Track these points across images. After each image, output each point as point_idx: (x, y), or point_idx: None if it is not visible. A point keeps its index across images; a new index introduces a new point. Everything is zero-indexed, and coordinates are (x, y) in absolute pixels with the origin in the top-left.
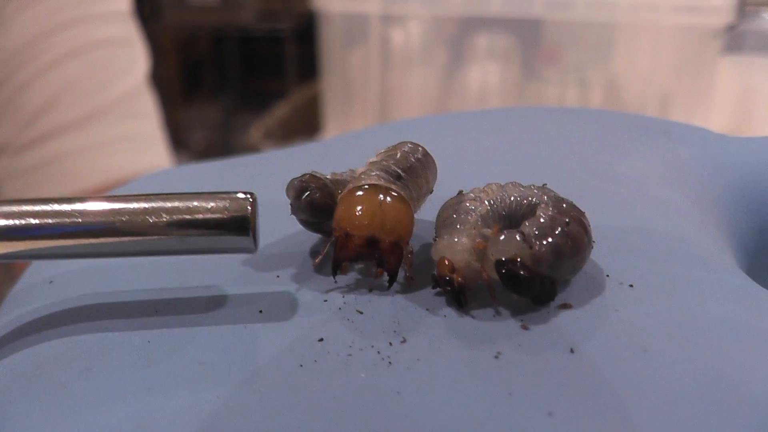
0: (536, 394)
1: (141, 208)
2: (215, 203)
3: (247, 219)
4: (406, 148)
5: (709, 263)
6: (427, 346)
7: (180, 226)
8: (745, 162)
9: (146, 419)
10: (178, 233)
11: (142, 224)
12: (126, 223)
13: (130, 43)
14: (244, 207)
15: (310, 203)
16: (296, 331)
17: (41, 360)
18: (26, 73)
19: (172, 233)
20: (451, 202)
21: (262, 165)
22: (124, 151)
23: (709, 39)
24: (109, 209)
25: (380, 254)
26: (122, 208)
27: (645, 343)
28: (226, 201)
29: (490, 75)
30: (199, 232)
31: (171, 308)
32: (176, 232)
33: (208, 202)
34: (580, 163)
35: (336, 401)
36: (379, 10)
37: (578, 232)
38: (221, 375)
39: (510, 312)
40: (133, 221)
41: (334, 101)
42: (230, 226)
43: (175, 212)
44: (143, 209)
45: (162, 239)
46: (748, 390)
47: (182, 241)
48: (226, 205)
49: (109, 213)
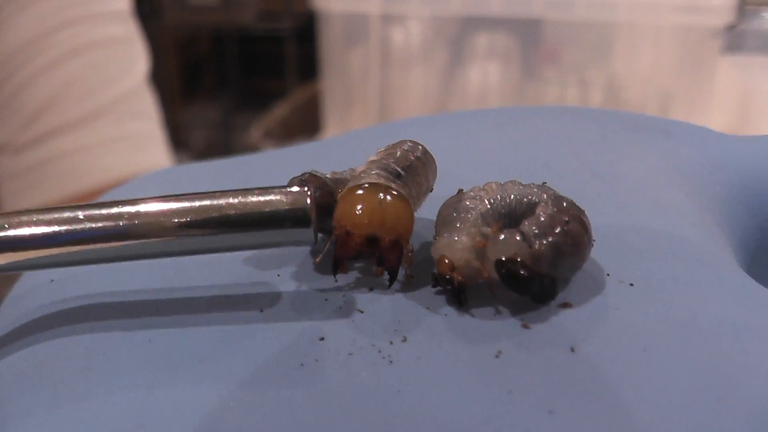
0: (536, 393)
1: (204, 206)
2: (275, 197)
3: (307, 212)
4: (405, 147)
5: (709, 262)
6: (428, 345)
7: (244, 223)
8: (746, 161)
9: (147, 417)
10: (242, 229)
11: (207, 222)
12: (191, 222)
13: (130, 43)
14: (303, 200)
15: None
16: (297, 329)
17: (42, 359)
18: (26, 72)
19: (236, 229)
20: (451, 201)
21: (262, 164)
22: (124, 150)
23: (709, 39)
24: (170, 209)
25: (380, 253)
26: (185, 207)
27: (645, 342)
28: (285, 195)
29: (490, 75)
30: (263, 227)
31: (171, 307)
32: (240, 229)
33: (268, 196)
34: (581, 163)
35: (337, 400)
36: (379, 9)
37: (578, 231)
38: (222, 373)
39: (510, 311)
40: (197, 220)
41: (334, 101)
42: (292, 220)
43: (239, 208)
44: (206, 207)
45: (227, 236)
46: (748, 389)
47: (246, 236)
48: (286, 199)
49: (171, 213)
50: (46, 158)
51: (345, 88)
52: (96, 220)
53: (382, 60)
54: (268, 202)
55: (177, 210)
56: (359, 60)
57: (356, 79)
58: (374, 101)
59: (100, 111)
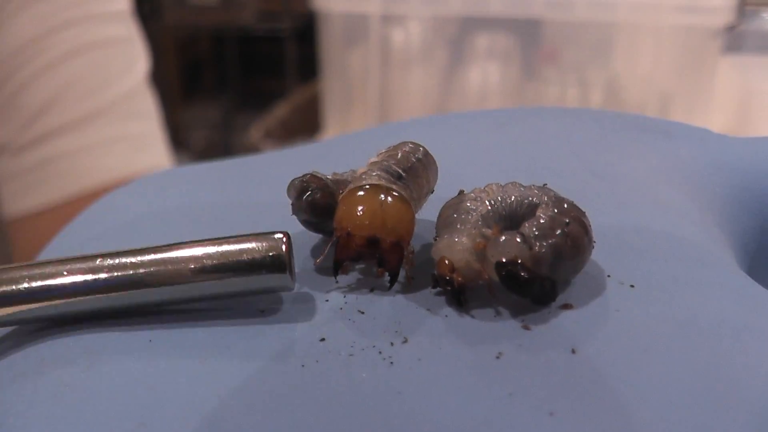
0: (537, 395)
1: (180, 257)
2: (251, 245)
3: (283, 257)
4: (407, 148)
5: (709, 263)
6: (429, 346)
7: (219, 271)
8: (746, 162)
9: (147, 418)
10: (218, 278)
11: (183, 272)
12: (169, 272)
13: (130, 43)
14: (279, 246)
15: (311, 203)
16: (297, 330)
17: (43, 359)
18: (26, 72)
19: (212, 278)
20: (452, 202)
21: (262, 165)
22: (124, 151)
23: (709, 39)
24: (148, 260)
25: (381, 254)
26: (163, 258)
27: (645, 342)
28: (262, 242)
29: (490, 75)
30: (239, 275)
31: (172, 307)
32: (216, 277)
33: (244, 244)
34: (581, 164)
35: (337, 401)
36: (379, 10)
37: (578, 233)
38: (222, 374)
39: (511, 312)
40: (174, 270)
41: (334, 101)
42: (268, 266)
43: (214, 258)
44: (183, 258)
45: (202, 284)
46: (749, 390)
47: (222, 284)
48: (263, 246)
49: (148, 263)
50: (46, 158)
51: (345, 89)
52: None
53: (382, 60)
54: (246, 249)
55: (159, 260)
56: (359, 60)
57: (356, 79)
58: (374, 101)
59: (100, 111)
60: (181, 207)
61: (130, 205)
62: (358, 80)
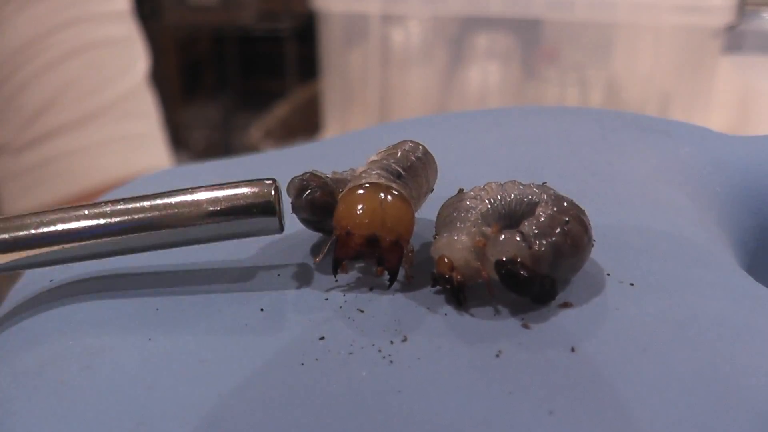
0: (537, 393)
1: (176, 201)
2: (242, 190)
3: (271, 202)
4: (406, 147)
5: (709, 262)
6: (428, 345)
7: (213, 215)
8: (746, 161)
9: (147, 417)
10: (212, 221)
11: (179, 216)
12: (162, 216)
13: (130, 43)
14: (268, 192)
15: (310, 202)
16: (297, 329)
17: (42, 358)
18: (26, 72)
19: (206, 222)
20: (452, 201)
21: (262, 165)
22: (124, 150)
23: (709, 39)
24: (143, 206)
25: (381, 253)
26: (157, 204)
27: (645, 342)
28: (252, 187)
29: (490, 75)
30: (231, 218)
31: (171, 307)
32: (211, 221)
33: (236, 190)
34: (580, 163)
35: (337, 399)
36: (379, 10)
37: (578, 231)
38: (222, 373)
39: (511, 310)
40: (169, 214)
41: (334, 101)
42: (258, 210)
43: (209, 203)
44: (178, 202)
45: (198, 228)
46: (749, 389)
47: (216, 227)
48: (253, 191)
49: (145, 209)
50: (46, 158)
51: (345, 88)
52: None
53: (382, 60)
54: (237, 194)
55: (153, 206)
56: (359, 60)
57: (356, 79)
58: (374, 101)
59: (99, 111)
60: None
61: None
62: (358, 80)
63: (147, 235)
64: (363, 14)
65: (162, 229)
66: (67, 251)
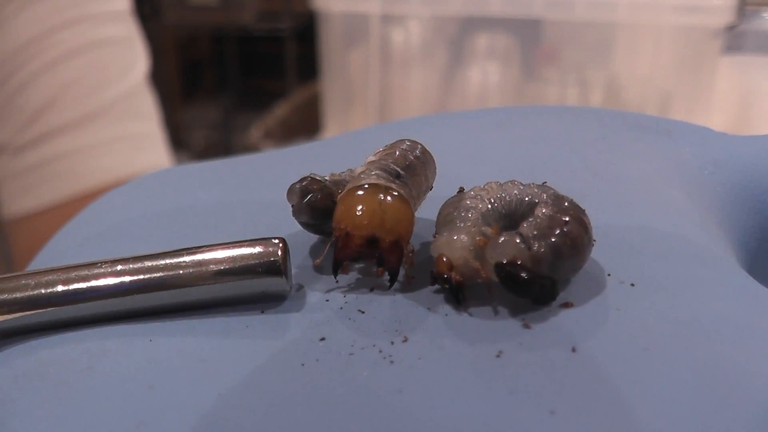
0: (538, 393)
1: (184, 262)
2: (249, 250)
3: (278, 262)
4: (404, 146)
5: (710, 262)
6: (429, 345)
7: (220, 275)
8: (746, 160)
9: (148, 416)
10: (220, 281)
11: (186, 277)
12: (170, 277)
13: (130, 43)
14: (275, 252)
15: (310, 206)
16: (298, 330)
17: (43, 359)
18: (26, 72)
19: (211, 282)
20: (452, 200)
21: (261, 165)
22: (124, 150)
23: (709, 39)
24: (147, 266)
25: (381, 253)
26: (168, 263)
27: (646, 341)
28: (259, 247)
29: (490, 75)
30: (237, 279)
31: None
32: (218, 281)
33: (242, 250)
34: (581, 162)
35: (338, 399)
36: (379, 10)
37: (578, 232)
38: (223, 373)
39: (511, 311)
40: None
41: (334, 101)
42: (264, 270)
43: (215, 263)
44: (187, 263)
45: (202, 288)
46: (750, 389)
47: (222, 288)
48: (260, 251)
49: (148, 269)
50: (46, 158)
51: (345, 88)
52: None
53: (382, 60)
54: (244, 254)
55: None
56: (359, 60)
57: (356, 79)
58: (374, 101)
59: (100, 111)
60: (179, 206)
61: (129, 204)
62: (358, 80)
63: (144, 297)
64: (363, 14)
65: (164, 290)
66: (64, 312)
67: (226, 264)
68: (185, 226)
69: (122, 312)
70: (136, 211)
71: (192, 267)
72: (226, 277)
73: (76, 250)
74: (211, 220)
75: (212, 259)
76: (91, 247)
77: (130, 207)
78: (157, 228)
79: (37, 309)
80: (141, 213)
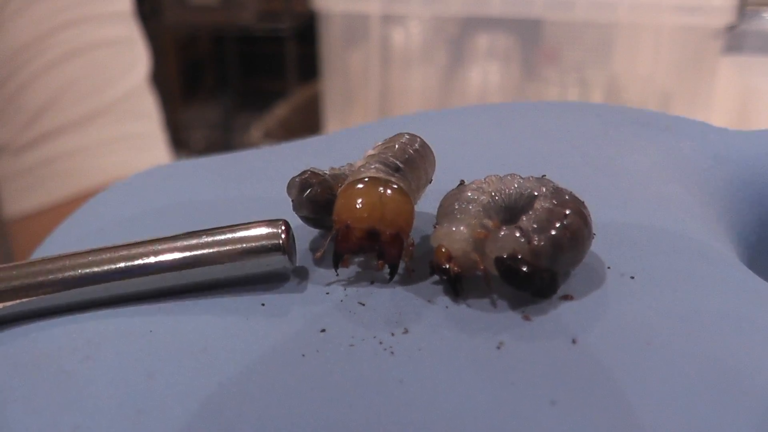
0: (538, 384)
1: (192, 243)
2: (252, 231)
3: (280, 241)
4: (403, 140)
5: (710, 256)
6: (429, 336)
7: (223, 254)
8: (746, 155)
9: (147, 405)
10: (221, 261)
11: (189, 260)
12: (175, 260)
13: (130, 43)
14: (277, 232)
15: (311, 200)
16: (298, 322)
17: (43, 349)
18: (26, 73)
19: (218, 262)
20: (453, 192)
21: (260, 160)
22: (124, 150)
23: (709, 39)
24: (156, 249)
25: (381, 246)
26: (168, 247)
27: (646, 334)
28: (262, 227)
29: (491, 75)
30: (244, 257)
31: (173, 298)
32: (220, 260)
33: (248, 231)
34: (582, 158)
35: (338, 390)
36: (379, 10)
37: (578, 225)
38: (223, 363)
39: (511, 302)
40: (181, 258)
41: (334, 101)
42: (268, 249)
43: (223, 243)
44: (195, 244)
45: (208, 269)
46: (751, 382)
47: (230, 267)
48: (263, 231)
49: (156, 252)
50: (46, 158)
51: (345, 88)
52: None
53: (382, 60)
54: (250, 235)
55: (168, 248)
56: (359, 60)
57: (356, 79)
58: (374, 101)
59: (100, 111)
60: (178, 201)
61: (128, 200)
62: (358, 80)
63: (152, 278)
64: (363, 14)
65: (171, 271)
66: (61, 297)
67: (230, 244)
68: (185, 221)
69: (126, 295)
70: (135, 207)
71: (197, 248)
72: (229, 256)
73: (75, 245)
74: (210, 215)
75: (214, 240)
76: (91, 243)
77: (129, 203)
78: (157, 223)
79: (37, 294)
80: (140, 209)
